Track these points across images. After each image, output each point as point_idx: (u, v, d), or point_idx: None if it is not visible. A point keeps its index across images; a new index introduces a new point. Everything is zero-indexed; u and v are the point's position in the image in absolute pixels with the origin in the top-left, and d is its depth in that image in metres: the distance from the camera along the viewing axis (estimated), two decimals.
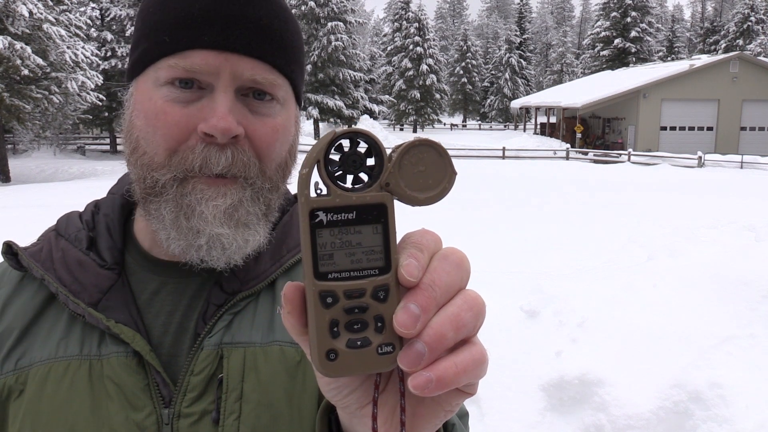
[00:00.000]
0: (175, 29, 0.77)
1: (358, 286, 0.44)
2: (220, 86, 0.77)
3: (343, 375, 0.44)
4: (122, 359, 0.79)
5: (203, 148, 0.76)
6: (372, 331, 0.44)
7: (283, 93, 0.82)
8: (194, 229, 0.77)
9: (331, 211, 0.43)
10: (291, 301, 0.44)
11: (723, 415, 3.68)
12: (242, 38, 0.77)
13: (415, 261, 0.43)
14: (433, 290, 0.43)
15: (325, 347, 0.43)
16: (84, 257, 0.84)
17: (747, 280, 4.71)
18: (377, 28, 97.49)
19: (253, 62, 0.78)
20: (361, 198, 0.43)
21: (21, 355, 0.82)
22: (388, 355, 0.44)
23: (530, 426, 3.96)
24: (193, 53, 0.76)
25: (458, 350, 0.44)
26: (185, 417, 0.78)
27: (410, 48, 52.50)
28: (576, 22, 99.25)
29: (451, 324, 0.43)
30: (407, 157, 0.45)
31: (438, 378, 0.42)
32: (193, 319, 0.83)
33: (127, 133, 0.82)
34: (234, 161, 0.77)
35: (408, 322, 0.42)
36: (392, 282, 0.44)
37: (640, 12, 57.18)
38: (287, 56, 0.82)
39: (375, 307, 0.44)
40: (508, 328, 4.67)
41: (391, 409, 0.49)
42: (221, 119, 0.75)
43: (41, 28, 22.88)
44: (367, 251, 0.44)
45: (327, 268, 0.43)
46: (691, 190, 17.49)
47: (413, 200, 0.45)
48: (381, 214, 0.44)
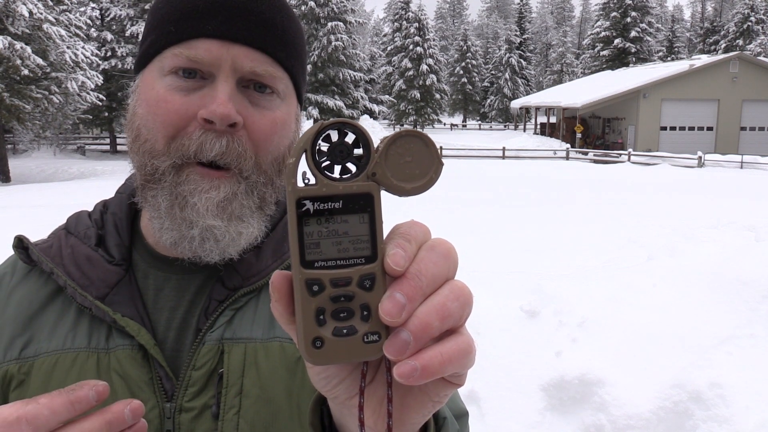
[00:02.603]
0: (180, 20, 0.79)
1: (345, 274, 0.44)
2: (221, 75, 0.78)
3: (329, 363, 0.45)
4: (128, 352, 0.80)
5: (200, 134, 0.77)
6: (358, 320, 0.44)
7: (283, 87, 0.83)
8: (187, 220, 0.78)
9: (317, 200, 0.43)
10: (278, 290, 0.45)
11: (723, 415, 3.68)
12: (245, 29, 0.79)
13: (402, 251, 0.44)
14: (419, 280, 0.43)
15: (311, 335, 0.44)
16: (93, 253, 0.85)
17: (747, 280, 4.71)
18: (377, 28, 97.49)
19: (254, 53, 0.79)
20: (347, 188, 0.44)
21: (25, 344, 0.83)
22: (374, 344, 0.44)
23: (530, 426, 3.96)
24: (197, 42, 0.78)
25: (444, 340, 0.44)
26: (186, 411, 0.79)
27: (410, 48, 52.52)
28: (576, 22, 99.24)
29: (436, 313, 0.43)
30: (394, 147, 0.45)
31: (423, 367, 0.42)
32: (195, 314, 0.84)
33: (129, 122, 0.83)
34: (228, 149, 0.78)
35: (393, 311, 0.42)
36: (378, 271, 0.44)
37: (640, 12, 57.21)
38: (288, 50, 0.83)
39: (361, 295, 0.44)
40: (508, 328, 4.67)
41: (379, 399, 0.49)
42: (220, 105, 0.76)
43: (41, 28, 22.90)
44: (353, 240, 0.44)
45: (314, 257, 0.43)
46: (691, 190, 17.49)
47: (400, 190, 0.45)
48: (367, 204, 0.44)
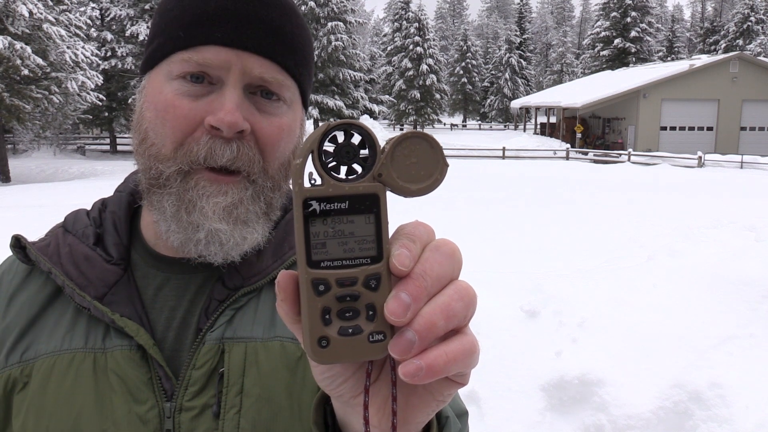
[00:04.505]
0: (190, 25, 0.79)
1: (350, 274, 0.44)
2: (229, 82, 0.78)
3: (334, 362, 0.45)
4: (126, 352, 0.80)
5: (208, 140, 0.77)
6: (363, 319, 0.45)
7: (290, 94, 0.84)
8: (194, 224, 0.78)
9: (324, 200, 0.44)
10: (284, 289, 0.45)
11: (723, 415, 3.68)
12: (254, 37, 0.79)
13: (407, 251, 0.44)
14: (424, 280, 0.44)
15: (317, 334, 0.44)
16: (91, 252, 0.85)
17: (747, 280, 4.72)
18: (377, 28, 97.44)
19: (262, 61, 0.80)
20: (353, 188, 0.44)
21: (26, 347, 0.83)
22: (379, 343, 0.45)
23: (530, 426, 3.96)
24: (206, 48, 0.78)
25: (449, 340, 0.45)
26: (186, 410, 0.79)
27: (410, 48, 52.50)
28: (576, 22, 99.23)
29: (441, 313, 0.44)
30: (399, 148, 0.45)
31: (428, 366, 0.43)
32: (195, 314, 0.84)
33: (136, 124, 0.83)
34: (239, 154, 0.78)
35: (399, 311, 0.43)
36: (384, 271, 0.44)
37: (640, 12, 57.21)
38: (297, 59, 0.83)
39: (367, 295, 0.44)
40: (508, 328, 4.67)
41: (383, 398, 0.50)
42: (228, 113, 0.76)
43: (41, 28, 22.90)
44: (359, 240, 0.44)
45: (320, 257, 0.44)
46: (691, 190, 17.48)
47: (405, 191, 0.46)
48: (373, 204, 0.44)
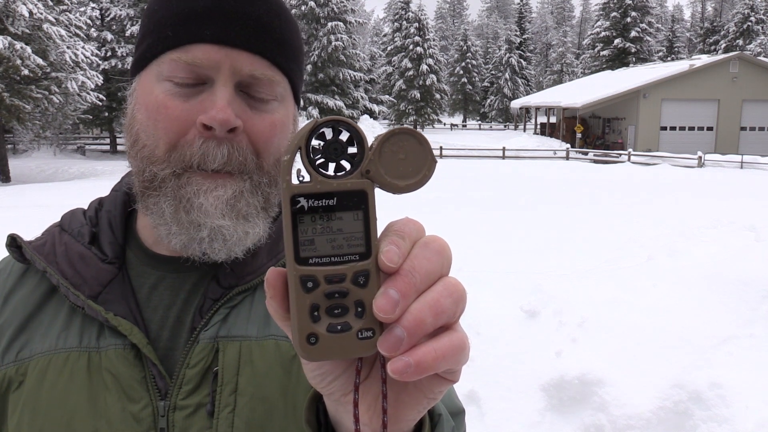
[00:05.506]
0: (178, 24, 0.79)
1: (339, 271, 0.44)
2: (220, 80, 0.78)
3: (323, 359, 0.45)
4: (120, 351, 0.80)
5: (201, 143, 0.77)
6: (352, 316, 0.44)
7: (281, 90, 0.83)
8: (195, 223, 0.78)
9: (312, 197, 0.44)
10: (273, 286, 0.45)
11: (723, 415, 3.68)
12: (243, 34, 0.79)
13: (396, 247, 0.44)
14: (412, 276, 0.43)
15: (305, 331, 0.44)
16: (86, 251, 0.85)
17: (747, 280, 4.71)
18: (377, 28, 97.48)
19: (252, 57, 0.79)
20: (341, 185, 0.44)
21: (22, 346, 0.83)
22: (367, 340, 0.45)
23: (530, 426, 3.96)
24: (195, 47, 0.78)
25: (438, 336, 0.45)
26: (180, 409, 0.79)
27: (410, 48, 52.50)
28: (576, 22, 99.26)
29: (430, 310, 0.43)
30: (387, 145, 0.45)
31: (417, 362, 0.42)
32: (190, 313, 0.84)
33: (128, 126, 0.83)
34: (230, 158, 0.78)
35: (387, 307, 0.42)
36: (372, 268, 0.44)
37: (640, 12, 57.23)
38: (286, 54, 0.83)
39: (355, 292, 0.44)
40: (508, 328, 4.67)
41: (374, 396, 0.49)
42: (220, 111, 0.76)
43: (41, 28, 22.91)
44: (347, 237, 0.44)
45: (308, 254, 0.44)
46: (691, 190, 17.49)
47: (393, 187, 0.45)
48: (361, 201, 0.44)
